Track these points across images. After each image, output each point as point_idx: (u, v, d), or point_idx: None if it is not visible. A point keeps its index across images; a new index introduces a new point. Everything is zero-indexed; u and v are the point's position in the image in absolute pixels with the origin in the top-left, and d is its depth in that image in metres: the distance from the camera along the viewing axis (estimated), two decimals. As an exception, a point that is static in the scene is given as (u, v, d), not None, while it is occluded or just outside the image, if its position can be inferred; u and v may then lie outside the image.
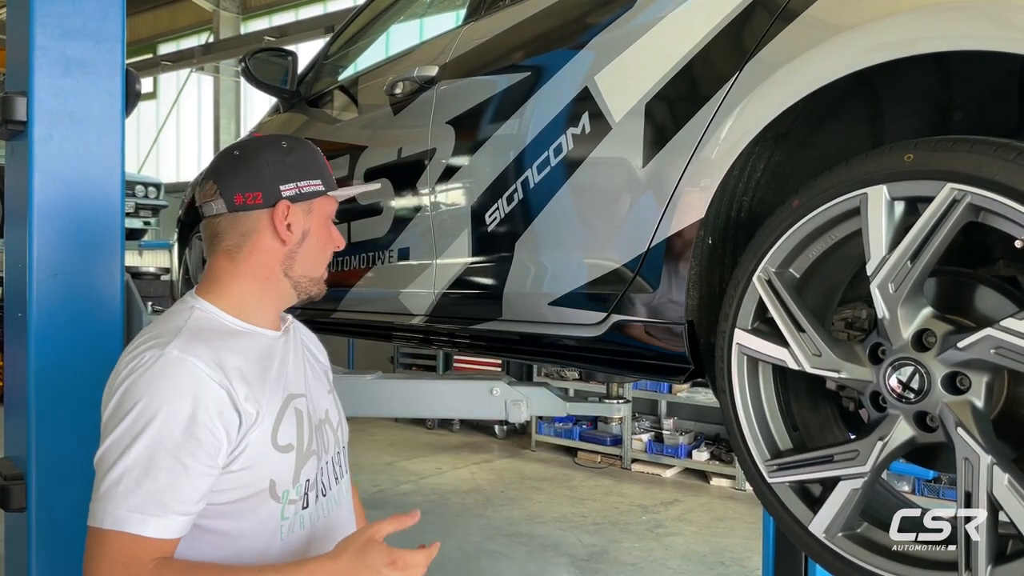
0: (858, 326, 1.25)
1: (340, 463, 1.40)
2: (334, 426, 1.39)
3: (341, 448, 1.41)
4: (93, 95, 1.86)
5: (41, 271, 1.79)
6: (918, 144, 1.06)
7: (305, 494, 1.27)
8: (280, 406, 1.24)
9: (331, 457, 1.36)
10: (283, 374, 1.28)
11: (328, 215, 1.34)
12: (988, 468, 0.98)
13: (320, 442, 1.33)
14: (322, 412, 1.37)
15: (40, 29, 1.80)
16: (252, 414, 1.18)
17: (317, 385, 1.39)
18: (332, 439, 1.38)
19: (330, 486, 1.35)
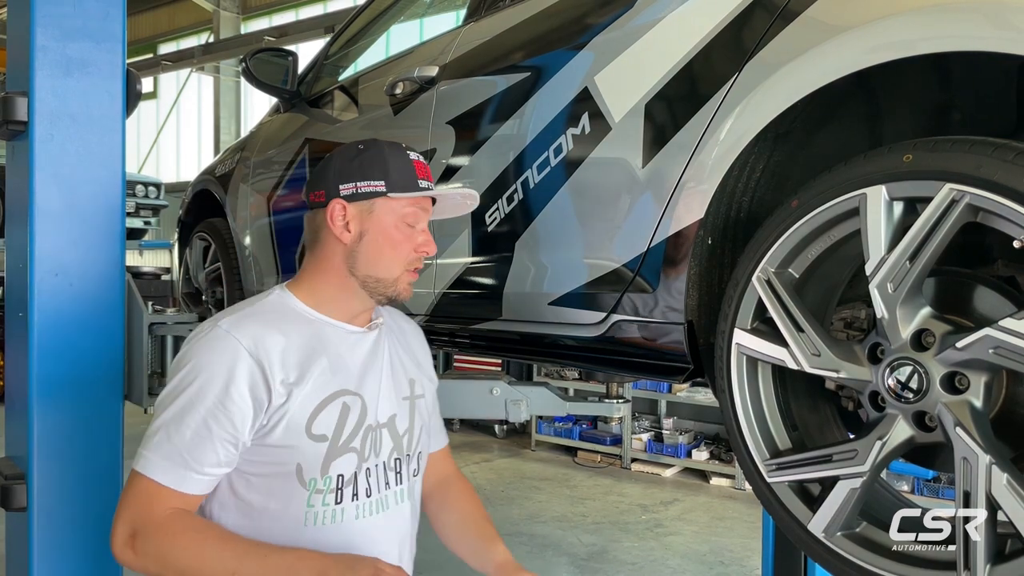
0: (857, 326, 1.26)
1: (400, 471, 1.38)
2: (399, 433, 1.38)
3: (404, 456, 1.39)
4: (94, 95, 1.86)
5: (42, 271, 1.79)
6: (917, 145, 1.06)
7: (338, 489, 1.29)
8: (325, 397, 1.28)
9: (382, 461, 1.35)
10: (340, 368, 1.32)
11: (401, 216, 1.33)
12: (987, 468, 0.98)
13: (370, 443, 1.33)
14: (383, 416, 1.36)
15: (41, 29, 1.80)
16: (283, 395, 1.24)
17: (389, 388, 1.39)
18: (390, 444, 1.36)
19: (378, 489, 1.34)
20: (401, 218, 1.33)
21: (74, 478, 1.82)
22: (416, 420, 1.42)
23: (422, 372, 1.49)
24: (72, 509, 1.83)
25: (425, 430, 1.45)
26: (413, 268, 1.36)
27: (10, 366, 1.92)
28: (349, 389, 1.32)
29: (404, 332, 1.49)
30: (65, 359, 1.82)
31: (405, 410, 1.41)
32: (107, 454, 1.87)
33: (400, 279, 1.35)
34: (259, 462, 1.25)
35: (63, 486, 1.82)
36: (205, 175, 3.41)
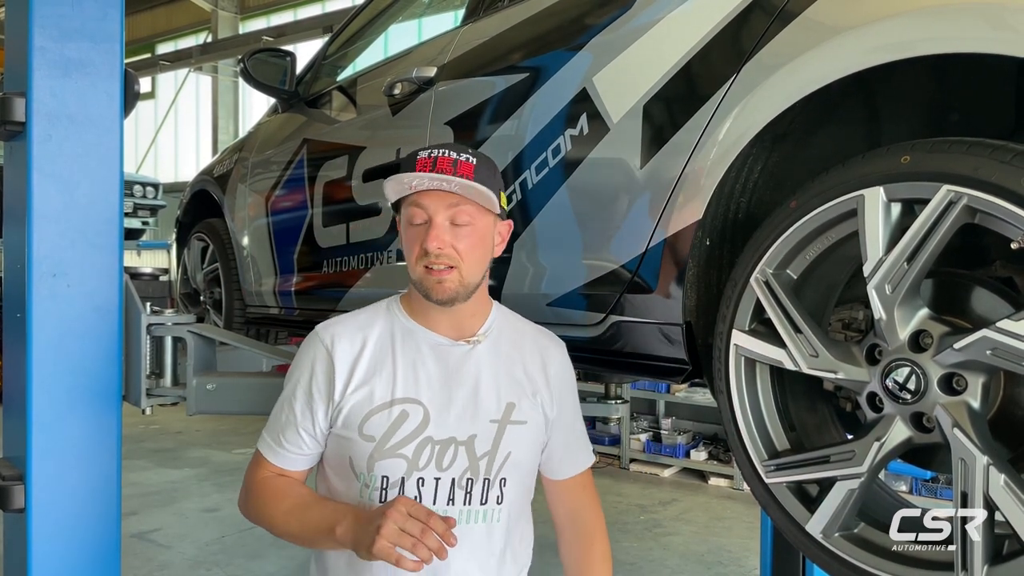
0: (855, 327, 1.26)
1: (471, 491, 1.35)
2: (476, 454, 1.35)
3: (481, 479, 1.36)
4: (92, 96, 1.86)
5: (40, 271, 1.78)
6: (915, 146, 1.07)
7: (383, 489, 1.34)
8: (384, 401, 1.34)
9: (452, 477, 1.34)
10: (410, 376, 1.36)
11: (407, 216, 1.34)
12: (984, 469, 0.98)
13: (429, 455, 1.33)
14: (454, 431, 1.35)
15: (39, 30, 1.80)
16: (344, 392, 1.34)
17: (468, 406, 1.36)
18: (464, 463, 1.35)
19: (433, 501, 1.33)
20: (407, 218, 1.34)
21: (73, 479, 1.82)
22: (503, 446, 1.37)
23: (535, 399, 1.41)
24: (71, 510, 1.82)
25: (521, 458, 1.39)
26: (430, 264, 1.32)
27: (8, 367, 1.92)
28: (412, 398, 1.35)
29: (524, 354, 1.42)
30: (63, 360, 1.81)
31: (490, 432, 1.36)
32: (105, 455, 1.86)
33: (424, 278, 1.33)
34: (330, 446, 1.38)
35: (62, 487, 1.82)
36: (203, 175, 3.40)
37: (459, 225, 1.32)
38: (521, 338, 1.44)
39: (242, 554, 4.28)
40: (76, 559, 1.84)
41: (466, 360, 1.38)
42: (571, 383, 1.49)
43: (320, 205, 2.47)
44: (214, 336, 2.15)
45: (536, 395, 1.41)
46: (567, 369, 1.48)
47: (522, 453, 1.39)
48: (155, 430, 7.15)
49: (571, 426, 1.48)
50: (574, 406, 1.49)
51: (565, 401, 1.46)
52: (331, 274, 2.43)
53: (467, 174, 1.30)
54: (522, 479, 1.41)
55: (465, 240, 1.32)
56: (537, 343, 1.45)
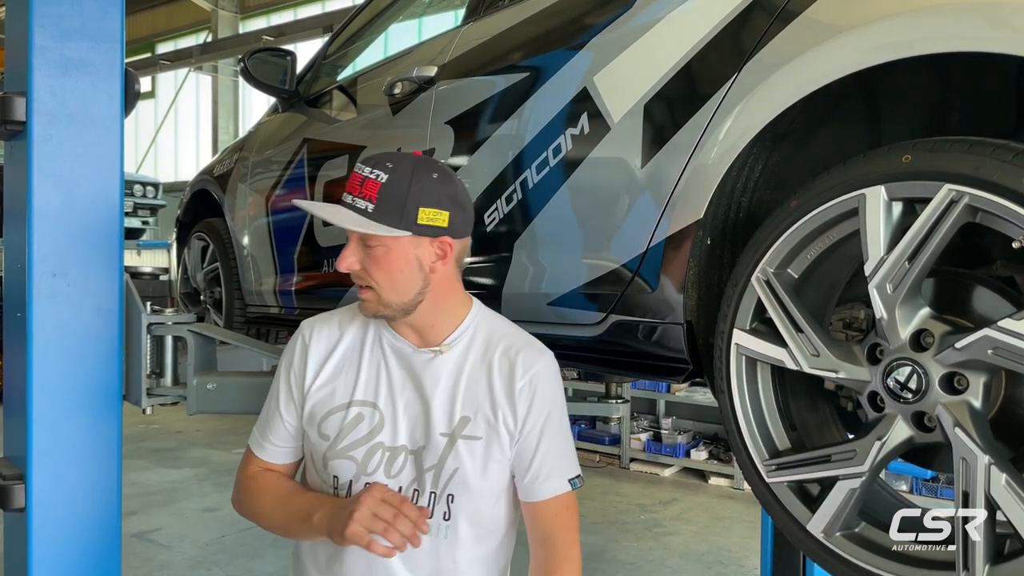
0: (856, 326, 1.26)
1: (417, 502, 1.32)
2: (423, 466, 1.32)
3: (427, 492, 1.32)
4: (92, 95, 1.86)
5: (40, 271, 1.78)
6: (916, 145, 1.07)
7: (335, 488, 1.36)
8: (343, 402, 1.36)
9: (399, 486, 1.32)
10: (372, 379, 1.36)
11: None
12: (985, 468, 0.98)
13: (379, 461, 1.32)
14: (405, 440, 1.33)
15: (39, 29, 1.80)
16: (309, 387, 1.37)
17: (420, 417, 1.33)
18: (411, 474, 1.32)
19: None
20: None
21: (73, 478, 1.82)
22: (450, 460, 1.32)
23: (495, 414, 1.33)
24: (71, 509, 1.82)
25: (470, 476, 1.32)
26: (355, 283, 1.32)
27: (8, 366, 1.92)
28: (370, 401, 1.35)
29: (493, 366, 1.34)
30: (63, 359, 1.81)
31: (439, 446, 1.32)
32: (106, 454, 1.86)
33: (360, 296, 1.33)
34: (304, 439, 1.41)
35: (62, 486, 1.82)
36: (203, 175, 3.40)
37: (370, 247, 1.27)
38: (495, 349, 1.36)
39: (242, 554, 4.28)
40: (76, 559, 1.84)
41: (427, 369, 1.35)
42: (548, 400, 1.36)
43: (320, 205, 2.47)
44: (214, 335, 2.15)
45: (497, 410, 1.33)
46: (544, 385, 1.35)
47: (473, 471, 1.32)
48: (155, 430, 7.15)
49: (541, 447, 1.34)
50: (548, 426, 1.35)
51: (535, 419, 1.34)
52: (331, 273, 2.43)
53: (370, 195, 1.24)
54: (477, 499, 1.34)
55: (375, 264, 1.28)
56: (510, 355, 1.35)
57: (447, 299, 1.36)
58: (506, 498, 1.39)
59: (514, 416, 1.33)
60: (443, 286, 1.33)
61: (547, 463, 1.35)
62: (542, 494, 1.36)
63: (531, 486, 1.36)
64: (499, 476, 1.35)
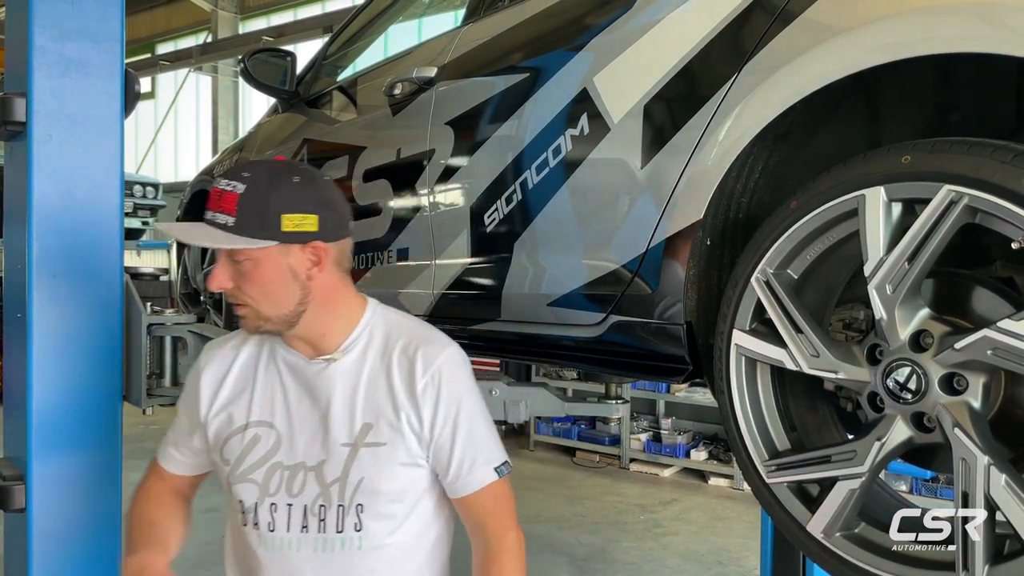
0: (856, 327, 1.25)
1: (325, 519, 1.29)
2: (325, 480, 1.28)
3: (334, 505, 1.28)
4: (92, 96, 1.86)
5: (41, 271, 1.78)
6: (915, 146, 1.07)
7: (242, 512, 1.33)
8: (239, 425, 1.33)
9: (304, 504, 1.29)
10: (267, 398, 1.33)
11: None
12: (985, 469, 0.98)
13: (280, 480, 1.29)
14: (303, 457, 1.29)
15: (39, 30, 1.80)
16: (204, 415, 1.35)
17: (318, 431, 1.29)
18: (315, 490, 1.28)
19: (287, 528, 1.29)
20: None
21: (73, 479, 1.82)
22: (354, 471, 1.27)
23: (398, 417, 1.28)
24: (71, 510, 1.82)
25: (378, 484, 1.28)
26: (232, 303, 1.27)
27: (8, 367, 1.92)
28: (266, 421, 1.32)
29: (392, 366, 1.29)
30: (64, 360, 1.81)
31: (340, 458, 1.28)
32: (106, 455, 1.86)
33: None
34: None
35: (62, 487, 1.82)
36: (204, 175, 3.41)
37: (238, 261, 1.22)
38: (393, 349, 1.31)
39: (242, 554, 4.28)
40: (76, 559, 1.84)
41: (320, 379, 1.30)
42: (456, 393, 1.30)
43: (320, 205, 2.46)
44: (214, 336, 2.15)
45: (402, 412, 1.28)
46: (449, 379, 1.30)
47: (381, 478, 1.27)
48: (155, 430, 7.13)
49: (458, 442, 1.30)
50: (460, 420, 1.30)
51: (444, 416, 1.29)
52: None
53: (228, 209, 1.19)
54: (389, 505, 1.30)
55: (245, 279, 1.23)
56: (408, 353, 1.30)
57: (334, 305, 1.30)
58: (429, 497, 1.35)
59: (419, 417, 1.28)
60: (326, 292, 1.28)
61: (468, 457, 1.31)
62: (468, 488, 1.32)
63: (455, 483, 1.32)
64: (412, 479, 1.31)
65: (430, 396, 1.29)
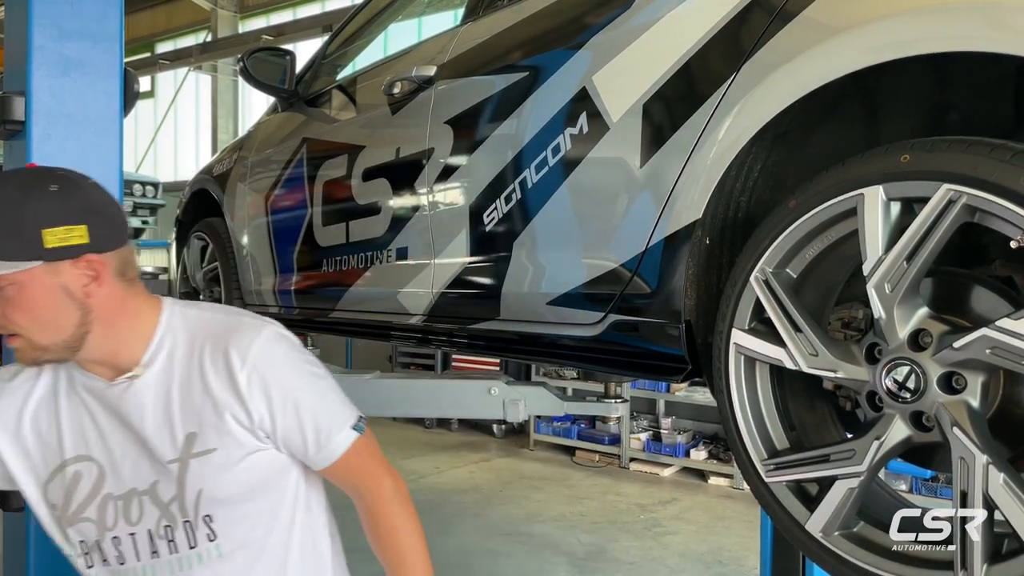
0: (855, 326, 1.25)
1: (175, 539, 1.22)
2: (163, 501, 1.21)
3: (180, 523, 1.21)
4: (91, 95, 1.87)
5: (39, 271, 1.78)
6: (914, 145, 1.06)
7: (85, 554, 1.24)
8: (56, 465, 1.22)
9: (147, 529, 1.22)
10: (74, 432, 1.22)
11: None
12: (984, 468, 0.98)
13: (115, 512, 1.21)
14: (134, 483, 1.21)
15: (38, 29, 1.81)
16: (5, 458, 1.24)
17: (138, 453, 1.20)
18: (155, 513, 1.21)
19: (137, 557, 1.23)
20: None
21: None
22: (190, 485, 1.19)
23: (222, 418, 1.19)
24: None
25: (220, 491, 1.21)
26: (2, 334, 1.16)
27: (8, 366, 1.92)
28: (83, 455, 1.22)
29: (204, 367, 1.19)
30: (63, 359, 1.81)
31: (171, 475, 1.20)
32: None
33: None
34: None
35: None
36: (203, 174, 3.40)
37: (0, 288, 1.10)
38: (202, 348, 1.20)
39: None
40: (76, 558, 1.84)
41: (125, 400, 1.20)
42: (283, 373, 1.22)
43: (319, 204, 2.47)
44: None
45: (225, 412, 1.19)
46: (270, 362, 1.21)
47: (221, 484, 1.21)
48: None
49: (305, 419, 1.23)
50: (300, 396, 1.22)
51: (281, 399, 1.21)
52: (331, 273, 2.43)
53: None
54: (241, 506, 1.24)
55: (11, 306, 1.10)
56: (221, 349, 1.20)
57: (123, 319, 1.19)
58: (287, 475, 1.28)
59: (248, 412, 1.19)
60: (112, 308, 1.16)
61: (322, 428, 1.23)
62: (331, 458, 1.25)
63: (316, 457, 1.25)
64: (259, 472, 1.24)
65: (257, 388, 1.19)
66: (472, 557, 4.61)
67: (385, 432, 7.78)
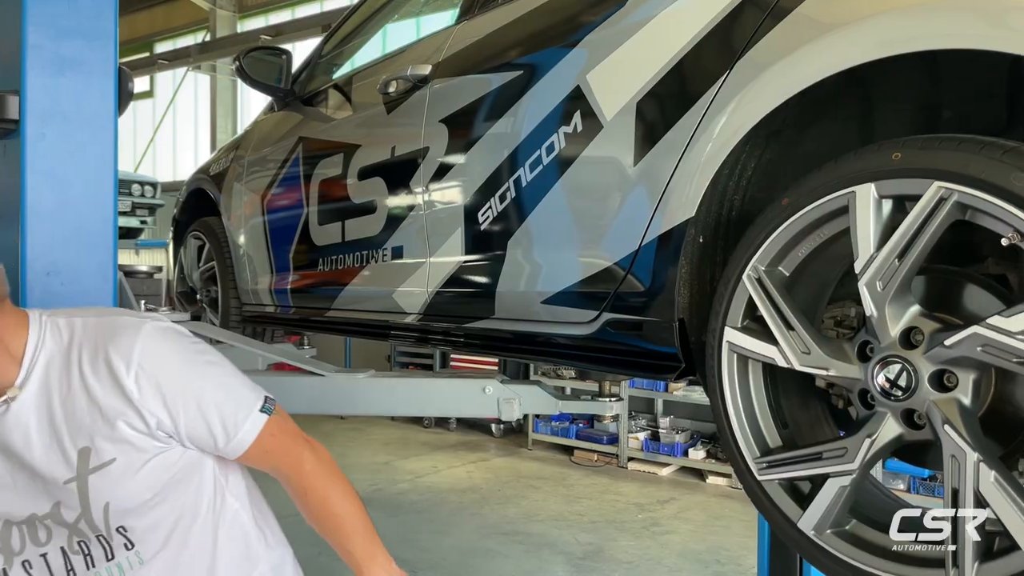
0: (847, 324, 1.26)
1: (91, 552, 1.17)
2: (67, 521, 1.15)
3: (93, 538, 1.16)
4: (86, 94, 1.86)
5: (34, 270, 1.78)
6: (906, 143, 1.06)
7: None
8: None
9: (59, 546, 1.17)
10: None
11: None
12: (975, 465, 0.98)
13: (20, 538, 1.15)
14: (37, 507, 1.15)
15: (33, 28, 1.80)
16: None
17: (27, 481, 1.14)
18: (64, 532, 1.16)
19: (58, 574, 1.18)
20: None
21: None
22: (94, 500, 1.13)
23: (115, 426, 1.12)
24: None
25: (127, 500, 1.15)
26: None
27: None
28: None
29: (86, 377, 1.12)
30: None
31: (71, 495, 1.13)
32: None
33: None
34: None
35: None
36: (200, 174, 3.40)
37: None
38: (80, 358, 1.13)
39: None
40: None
41: (5, 425, 1.12)
42: (172, 368, 1.15)
43: (315, 203, 2.47)
44: (210, 335, 2.15)
45: (117, 420, 1.12)
46: (156, 359, 1.14)
47: (126, 493, 1.15)
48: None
49: (208, 409, 1.16)
50: (189, 391, 1.16)
51: (176, 395, 1.14)
52: (326, 272, 2.42)
53: None
54: (152, 510, 1.19)
55: None
56: (101, 355, 1.13)
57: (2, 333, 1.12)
58: (199, 470, 1.23)
59: (142, 417, 1.13)
60: None
61: (227, 417, 1.18)
62: (244, 446, 1.20)
63: (227, 447, 1.20)
64: (165, 474, 1.19)
65: (148, 389, 1.12)
66: (469, 556, 4.61)
67: (384, 432, 7.78)
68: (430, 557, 4.58)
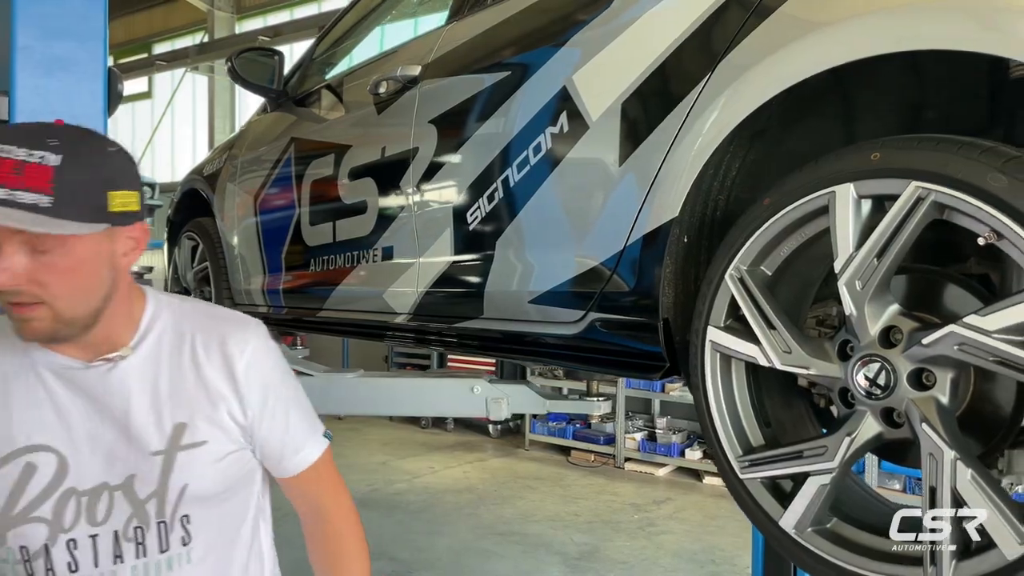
0: (828, 323, 1.26)
1: (144, 542, 1.12)
2: (139, 497, 1.10)
3: (153, 524, 1.11)
4: (76, 95, 1.87)
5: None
6: (884, 143, 1.07)
7: (25, 561, 1.09)
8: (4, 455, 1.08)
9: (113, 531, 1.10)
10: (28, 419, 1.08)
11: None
12: (952, 463, 0.99)
13: (75, 510, 1.09)
14: (112, 475, 1.09)
15: (23, 29, 1.81)
16: None
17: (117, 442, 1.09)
18: (127, 511, 1.10)
19: (95, 563, 1.10)
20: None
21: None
22: (174, 480, 1.11)
23: (216, 409, 1.13)
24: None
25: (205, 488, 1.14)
26: (9, 300, 1.00)
27: None
28: (38, 444, 1.08)
29: (197, 355, 1.13)
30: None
31: (153, 468, 1.10)
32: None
33: (8, 313, 1.02)
34: None
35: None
36: (194, 174, 3.41)
37: (43, 252, 0.97)
38: (193, 336, 1.14)
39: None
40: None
41: (107, 382, 1.09)
42: (272, 372, 1.19)
43: (307, 204, 2.47)
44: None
45: (219, 404, 1.13)
46: (264, 357, 1.18)
47: (206, 481, 1.13)
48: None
49: (284, 420, 1.20)
50: (284, 397, 1.20)
51: (274, 395, 1.18)
52: (318, 272, 2.43)
53: (39, 185, 0.93)
54: (217, 507, 1.17)
55: (52, 271, 0.98)
56: (215, 337, 1.15)
57: (127, 297, 1.11)
58: (253, 479, 1.23)
59: (242, 405, 1.14)
60: (125, 283, 1.09)
61: (300, 432, 1.22)
62: (302, 465, 1.22)
63: (289, 462, 1.21)
64: (237, 471, 1.18)
65: (255, 379, 1.15)
66: (465, 557, 4.61)
67: (381, 432, 7.79)
68: (426, 557, 4.58)
